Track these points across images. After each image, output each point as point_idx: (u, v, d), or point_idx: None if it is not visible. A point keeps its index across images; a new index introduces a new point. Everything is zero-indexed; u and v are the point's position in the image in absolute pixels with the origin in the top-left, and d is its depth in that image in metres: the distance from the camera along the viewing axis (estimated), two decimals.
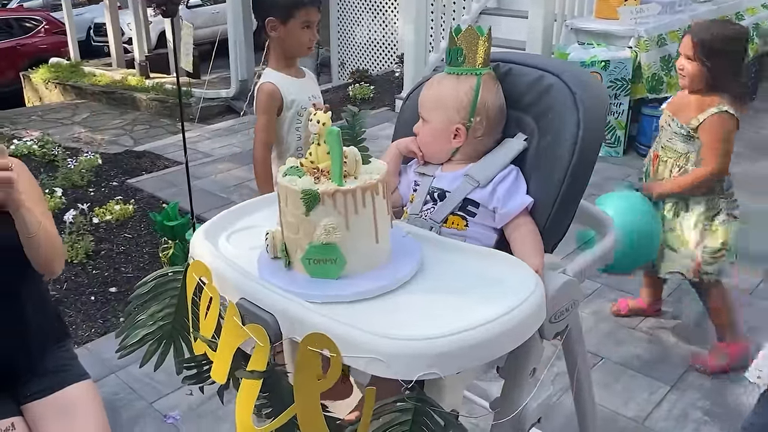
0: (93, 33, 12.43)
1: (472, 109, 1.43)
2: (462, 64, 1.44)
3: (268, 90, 2.27)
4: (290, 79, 2.31)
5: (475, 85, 1.43)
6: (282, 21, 2.23)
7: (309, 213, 1.14)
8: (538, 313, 1.14)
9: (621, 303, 3.00)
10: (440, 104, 1.45)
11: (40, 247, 1.73)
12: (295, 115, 2.32)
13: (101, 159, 5.05)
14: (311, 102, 2.31)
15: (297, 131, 2.33)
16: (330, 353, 1.03)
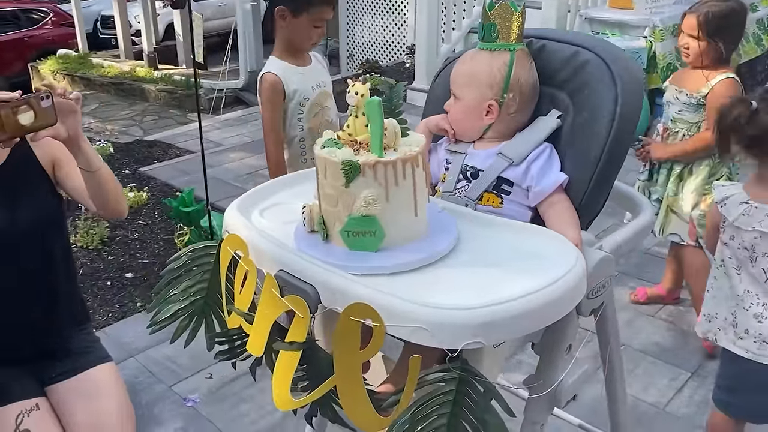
0: (100, 25, 12.43)
1: (505, 85, 1.41)
2: (495, 39, 1.42)
3: (270, 81, 2.23)
4: (293, 68, 2.26)
5: (509, 61, 1.41)
6: (293, 13, 2.19)
7: (349, 185, 1.13)
8: (578, 287, 1.13)
9: (639, 291, 3.00)
10: (473, 80, 1.44)
11: (106, 182, 1.73)
12: (298, 106, 2.26)
13: (113, 148, 5.05)
14: (315, 91, 2.28)
15: (299, 122, 2.28)
16: (373, 323, 1.03)
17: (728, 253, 1.77)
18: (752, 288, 1.74)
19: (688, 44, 2.54)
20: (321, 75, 2.35)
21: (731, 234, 1.76)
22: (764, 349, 1.71)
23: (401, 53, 7.90)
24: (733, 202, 1.73)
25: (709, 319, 1.83)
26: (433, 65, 6.04)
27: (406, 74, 6.93)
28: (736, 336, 1.76)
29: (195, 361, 2.58)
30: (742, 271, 1.75)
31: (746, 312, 1.74)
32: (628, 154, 1.40)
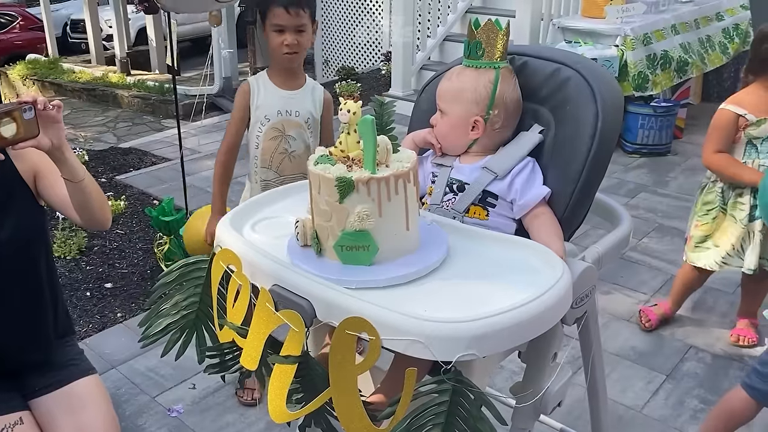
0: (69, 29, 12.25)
1: (491, 102, 1.46)
2: (481, 57, 1.47)
3: (241, 88, 2.21)
4: (271, 86, 2.20)
5: (494, 78, 1.46)
6: (263, 21, 2.13)
7: (343, 200, 1.16)
8: (565, 297, 1.17)
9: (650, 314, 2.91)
10: (459, 97, 1.48)
11: (91, 192, 1.72)
12: (257, 123, 2.19)
13: (87, 155, 5.00)
14: (279, 117, 2.18)
15: (256, 138, 2.21)
16: (369, 336, 1.06)
17: None
18: None
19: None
20: (300, 105, 2.21)
21: None
22: None
23: (377, 60, 7.95)
24: None
25: None
26: (408, 72, 6.10)
27: (381, 81, 6.98)
28: None
29: (178, 372, 2.57)
30: None
31: None
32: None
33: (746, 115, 2.48)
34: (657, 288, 3.22)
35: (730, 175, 2.54)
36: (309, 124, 2.24)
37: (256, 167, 2.25)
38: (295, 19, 2.08)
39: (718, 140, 2.54)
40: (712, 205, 2.64)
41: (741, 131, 2.50)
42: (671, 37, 5.13)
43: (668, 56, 5.00)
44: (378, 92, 6.54)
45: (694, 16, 5.47)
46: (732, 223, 2.59)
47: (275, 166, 2.23)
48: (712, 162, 2.57)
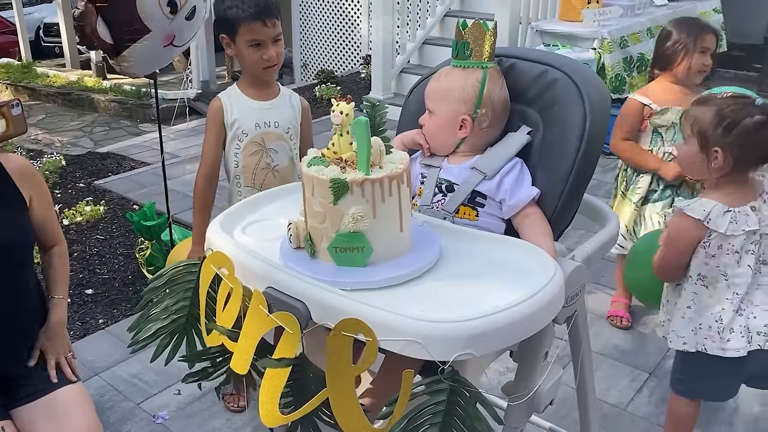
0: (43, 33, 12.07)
1: (479, 100, 1.47)
2: (469, 57, 1.48)
3: (212, 106, 2.10)
4: (245, 99, 2.10)
5: (482, 78, 1.47)
6: (231, 38, 2.03)
7: (337, 202, 1.16)
8: (558, 296, 1.19)
9: (617, 313, 2.97)
10: (447, 96, 1.49)
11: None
12: (234, 139, 2.09)
13: (65, 160, 4.93)
14: (258, 129, 2.09)
15: (235, 156, 2.11)
16: (365, 337, 1.06)
17: (714, 263, 1.80)
18: (736, 288, 1.81)
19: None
20: (278, 115, 2.13)
21: (719, 244, 1.78)
22: (745, 340, 1.81)
23: (356, 63, 7.95)
24: (717, 214, 1.76)
25: (695, 331, 1.86)
26: (388, 75, 6.11)
27: (361, 84, 6.98)
28: (722, 341, 1.82)
29: (163, 378, 2.55)
30: (729, 276, 1.81)
31: (733, 312, 1.82)
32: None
33: (651, 105, 2.63)
34: None
35: (635, 161, 2.71)
36: (290, 134, 2.15)
37: (239, 187, 2.14)
38: (272, 31, 2.01)
39: (625, 128, 2.70)
40: (619, 189, 2.83)
41: (647, 120, 2.65)
42: (647, 39, 5.21)
43: (644, 59, 5.08)
44: (358, 95, 6.54)
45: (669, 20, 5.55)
46: (627, 205, 2.76)
47: (259, 183, 2.13)
48: (619, 149, 2.74)
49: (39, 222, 1.86)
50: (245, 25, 1.98)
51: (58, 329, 1.86)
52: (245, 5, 1.97)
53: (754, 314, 1.82)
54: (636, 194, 2.72)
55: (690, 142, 1.82)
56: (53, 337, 1.84)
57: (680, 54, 2.57)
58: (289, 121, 2.15)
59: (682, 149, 1.89)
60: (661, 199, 2.68)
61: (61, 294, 1.90)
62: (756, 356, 1.83)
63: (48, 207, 1.90)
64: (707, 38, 2.57)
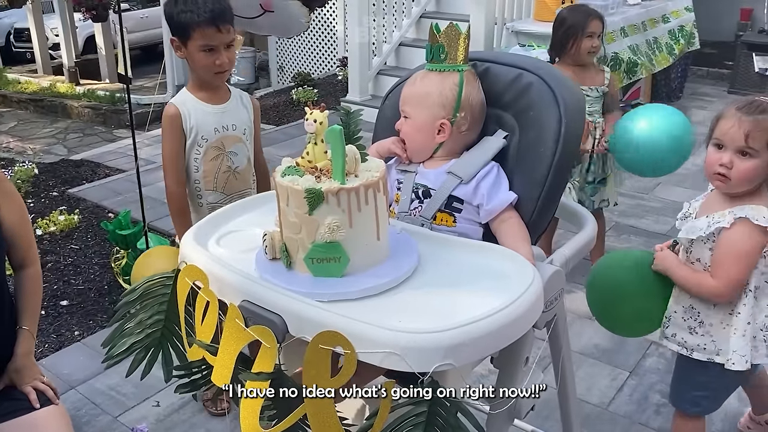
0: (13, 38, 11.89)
1: (457, 104, 1.46)
2: (444, 60, 1.47)
3: (168, 113, 2.05)
4: (198, 104, 2.07)
5: (459, 81, 1.46)
6: (182, 41, 1.99)
7: (312, 212, 1.15)
8: (537, 303, 1.18)
9: None
10: (424, 100, 1.47)
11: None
12: (194, 145, 2.07)
13: (37, 169, 4.84)
14: (217, 134, 2.08)
15: (195, 162, 2.08)
16: (344, 350, 1.04)
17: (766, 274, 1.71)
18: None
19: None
20: (234, 117, 2.12)
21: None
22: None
23: (333, 65, 7.93)
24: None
25: (756, 348, 1.75)
26: (365, 78, 6.10)
27: (338, 86, 6.96)
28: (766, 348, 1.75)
29: (141, 390, 2.50)
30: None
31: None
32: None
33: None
34: None
35: None
36: (246, 136, 2.15)
37: (199, 191, 2.13)
38: (226, 36, 1.99)
39: None
40: None
41: None
42: (620, 39, 5.25)
43: (618, 58, 5.11)
44: (335, 98, 6.52)
45: (642, 19, 5.61)
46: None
47: (221, 186, 2.12)
48: None
49: (9, 233, 1.77)
50: (199, 30, 1.95)
51: (26, 361, 1.76)
52: (200, 10, 1.94)
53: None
54: None
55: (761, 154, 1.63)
56: (21, 369, 1.74)
57: (570, 39, 2.88)
58: (245, 123, 2.15)
59: (745, 164, 1.64)
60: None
61: (28, 326, 1.78)
62: None
63: (20, 217, 1.81)
64: (592, 24, 2.88)
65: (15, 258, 1.82)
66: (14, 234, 1.78)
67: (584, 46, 2.87)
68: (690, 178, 4.55)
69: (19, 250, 1.80)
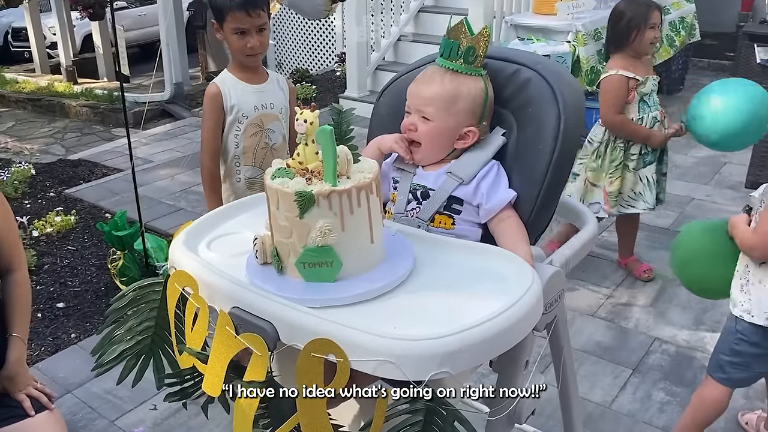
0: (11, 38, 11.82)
1: (483, 111, 1.42)
2: (473, 63, 1.41)
3: (209, 92, 2.18)
4: (240, 84, 2.19)
5: (485, 87, 1.42)
6: (220, 24, 2.13)
7: (303, 215, 1.11)
8: (537, 305, 1.15)
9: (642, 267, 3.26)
10: (454, 105, 1.40)
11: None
12: (234, 122, 2.19)
13: (34, 169, 4.81)
14: (257, 111, 2.19)
15: (235, 138, 2.20)
16: (336, 358, 1.01)
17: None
18: None
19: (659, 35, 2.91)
20: (272, 97, 2.24)
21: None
22: None
23: (331, 61, 7.88)
24: None
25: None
26: (363, 73, 6.05)
27: (336, 82, 6.91)
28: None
29: (137, 393, 2.47)
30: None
31: None
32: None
33: (636, 77, 2.90)
34: (619, 281, 3.24)
35: (628, 133, 2.96)
36: (283, 115, 2.27)
37: (238, 167, 2.24)
38: (256, 20, 2.10)
39: (616, 102, 2.92)
40: (617, 160, 3.00)
41: (633, 91, 2.92)
42: None
43: None
44: (333, 94, 6.48)
45: None
46: (627, 173, 3.02)
47: (259, 162, 2.24)
48: (614, 123, 2.95)
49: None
50: (231, 13, 2.08)
51: (18, 368, 1.73)
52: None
53: None
54: (633, 161, 2.98)
55: None
56: (14, 377, 1.72)
57: (633, 31, 2.86)
58: (281, 103, 2.26)
59: None
60: (652, 162, 2.99)
61: (19, 332, 1.76)
62: None
63: (4, 220, 1.78)
64: (654, 14, 2.88)
65: (1, 263, 1.79)
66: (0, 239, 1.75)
67: (647, 37, 2.87)
68: (691, 172, 4.52)
69: (4, 254, 1.77)
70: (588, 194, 3.12)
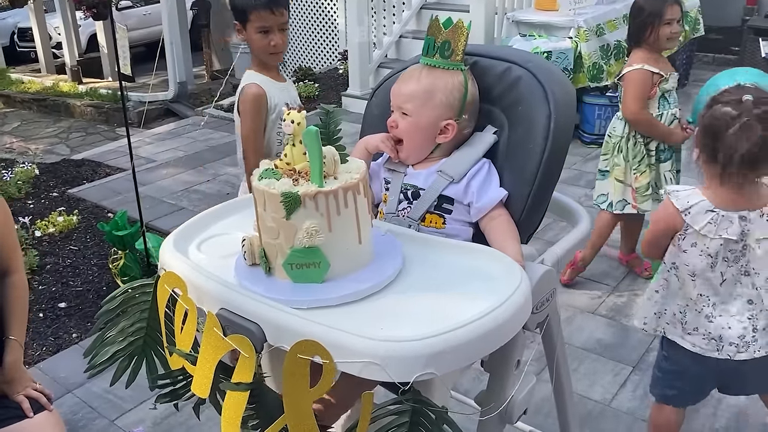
0: (17, 38, 11.88)
1: (462, 104, 1.41)
2: (449, 57, 1.41)
3: (254, 93, 2.19)
4: (272, 82, 2.25)
5: (464, 81, 1.41)
6: (242, 25, 2.18)
7: (290, 216, 1.11)
8: (525, 305, 1.14)
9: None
10: (430, 99, 1.40)
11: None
12: (277, 120, 2.25)
13: (38, 169, 4.84)
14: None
15: (278, 135, 2.28)
16: (322, 360, 1.01)
17: (684, 259, 1.74)
18: (705, 291, 1.74)
19: (677, 30, 2.84)
20: (294, 94, 2.36)
21: (693, 241, 1.71)
22: (711, 345, 1.76)
23: (334, 59, 7.88)
24: (698, 210, 1.68)
25: (659, 315, 1.86)
26: (366, 71, 6.04)
27: (339, 80, 6.90)
28: (684, 332, 1.80)
29: (137, 392, 2.47)
30: (698, 277, 1.74)
31: (698, 313, 1.76)
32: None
33: (660, 72, 2.84)
34: (620, 278, 3.23)
35: (650, 129, 2.91)
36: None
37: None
38: (279, 18, 2.15)
39: (641, 97, 2.86)
40: (641, 155, 2.95)
41: (656, 87, 2.87)
42: (623, 27, 5.15)
43: (621, 46, 5.04)
44: (336, 92, 6.47)
45: None
46: (646, 167, 2.97)
47: None
48: (641, 119, 2.89)
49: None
50: (255, 12, 2.12)
51: (15, 371, 1.74)
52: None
53: (729, 324, 1.74)
54: (651, 156, 2.95)
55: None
56: (11, 379, 1.73)
57: (649, 27, 2.82)
58: (297, 100, 2.38)
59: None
60: (668, 158, 2.98)
61: (16, 335, 1.77)
62: (727, 365, 1.78)
63: (3, 223, 1.79)
64: (670, 9, 2.81)
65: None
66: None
67: (663, 33, 2.82)
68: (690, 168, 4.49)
69: (2, 256, 1.78)
70: (618, 191, 3.03)
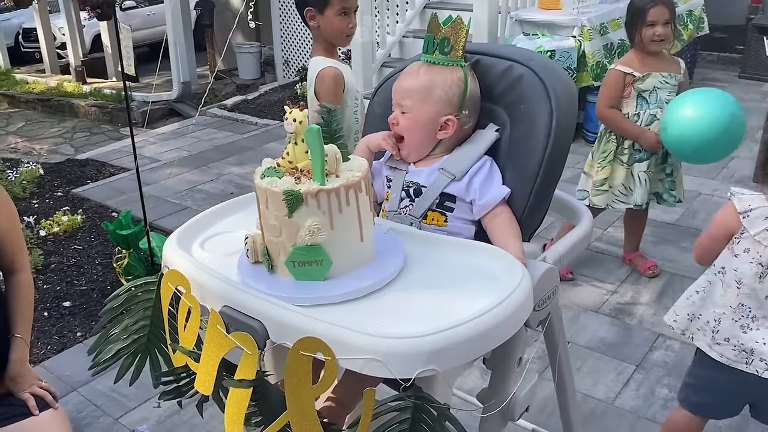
0: (22, 39, 11.91)
1: (462, 100, 1.41)
2: (448, 54, 1.41)
3: (335, 74, 2.26)
4: (341, 65, 2.32)
5: (464, 76, 1.41)
6: (319, 10, 2.24)
7: (292, 215, 1.11)
8: (527, 302, 1.14)
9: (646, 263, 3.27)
10: (429, 95, 1.40)
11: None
12: (353, 99, 2.33)
13: (43, 169, 4.86)
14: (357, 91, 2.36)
15: (355, 114, 2.35)
16: (324, 357, 1.01)
17: (735, 264, 1.68)
18: (748, 302, 1.68)
19: (664, 32, 2.81)
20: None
21: (746, 247, 1.64)
22: (741, 357, 1.72)
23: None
24: (758, 215, 1.62)
25: (691, 318, 1.81)
26: (369, 70, 6.03)
27: None
28: (713, 341, 1.75)
29: (141, 391, 2.49)
30: (744, 286, 1.67)
31: (734, 323, 1.70)
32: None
33: (633, 72, 2.88)
34: (623, 277, 3.23)
35: (618, 128, 2.95)
36: None
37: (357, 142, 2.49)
38: (356, 1, 2.28)
39: (609, 96, 2.93)
40: (608, 152, 3.00)
41: (630, 87, 2.89)
42: None
43: (625, 45, 5.03)
44: None
45: None
46: (619, 166, 3.00)
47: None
48: (604, 117, 2.97)
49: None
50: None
51: (21, 368, 1.76)
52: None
53: (765, 340, 1.68)
54: (625, 155, 2.97)
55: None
56: (17, 377, 1.74)
57: (633, 28, 2.87)
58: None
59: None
60: (644, 159, 2.94)
61: (21, 333, 1.78)
62: (759, 382, 1.72)
63: (8, 222, 1.80)
64: (652, 12, 2.80)
65: (3, 263, 1.80)
66: (2, 238, 1.76)
67: (645, 34, 2.82)
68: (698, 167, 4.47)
69: (7, 254, 1.79)
70: (581, 181, 3.16)
